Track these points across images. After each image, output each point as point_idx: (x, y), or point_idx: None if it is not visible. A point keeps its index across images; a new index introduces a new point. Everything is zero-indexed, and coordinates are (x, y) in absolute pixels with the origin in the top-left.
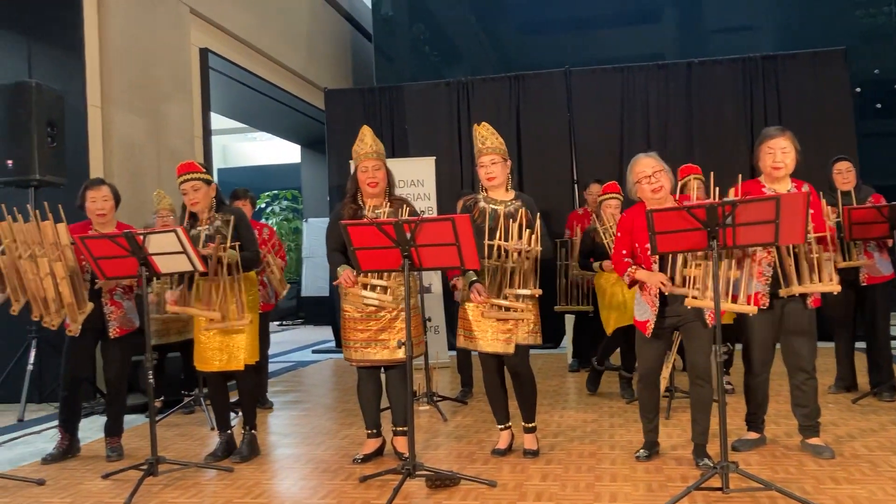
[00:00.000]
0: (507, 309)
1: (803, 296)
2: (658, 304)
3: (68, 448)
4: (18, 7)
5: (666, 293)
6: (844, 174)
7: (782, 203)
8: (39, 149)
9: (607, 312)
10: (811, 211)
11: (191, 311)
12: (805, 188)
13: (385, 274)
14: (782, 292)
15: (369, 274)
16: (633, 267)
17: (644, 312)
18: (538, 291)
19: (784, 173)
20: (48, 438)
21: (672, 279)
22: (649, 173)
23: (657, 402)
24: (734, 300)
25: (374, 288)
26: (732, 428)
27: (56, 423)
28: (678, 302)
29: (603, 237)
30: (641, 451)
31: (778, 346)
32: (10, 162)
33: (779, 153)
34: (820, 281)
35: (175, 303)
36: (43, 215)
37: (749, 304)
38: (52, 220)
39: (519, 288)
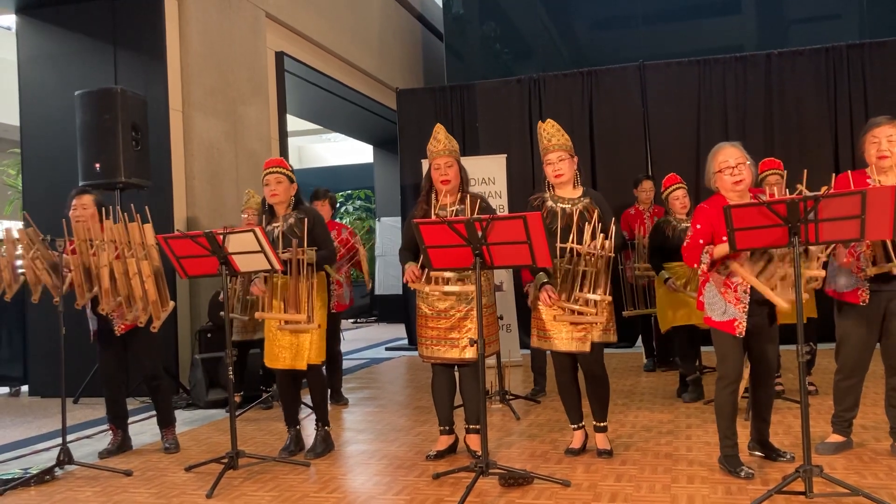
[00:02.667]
0: (580, 313)
1: None
2: (748, 302)
3: (122, 443)
4: (105, 18)
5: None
6: None
7: (869, 197)
8: (125, 152)
9: (665, 310)
10: None
11: (274, 317)
12: None
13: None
14: (870, 271)
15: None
16: (709, 245)
17: (725, 311)
18: (608, 298)
19: (891, 164)
20: (134, 431)
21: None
22: (733, 164)
23: (736, 410)
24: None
25: (447, 281)
26: (814, 431)
27: (142, 416)
28: (763, 300)
29: (674, 230)
30: (744, 468)
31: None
32: (97, 165)
33: (884, 142)
34: None
35: (261, 290)
36: (129, 217)
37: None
38: (140, 220)
39: (590, 292)
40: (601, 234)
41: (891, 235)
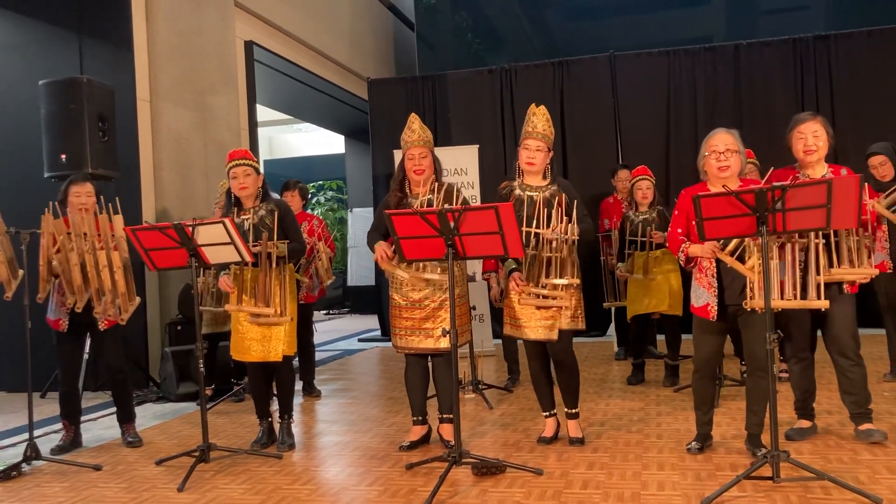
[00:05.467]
0: (545, 297)
1: (839, 282)
2: (717, 286)
3: (74, 440)
4: (70, 5)
5: (718, 257)
6: (879, 169)
7: (834, 187)
8: (91, 143)
9: (632, 298)
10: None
11: (244, 310)
12: (843, 172)
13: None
14: (818, 279)
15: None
16: (687, 242)
17: (701, 297)
18: (576, 281)
19: (817, 157)
20: (104, 426)
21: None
22: (721, 150)
23: (713, 394)
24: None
25: (425, 268)
26: (784, 417)
27: (110, 411)
28: (737, 284)
29: (632, 223)
30: (693, 443)
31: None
32: (63, 156)
33: (810, 137)
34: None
35: (230, 287)
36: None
37: (821, 297)
38: (111, 210)
39: (556, 277)
40: (566, 218)
41: (856, 224)
